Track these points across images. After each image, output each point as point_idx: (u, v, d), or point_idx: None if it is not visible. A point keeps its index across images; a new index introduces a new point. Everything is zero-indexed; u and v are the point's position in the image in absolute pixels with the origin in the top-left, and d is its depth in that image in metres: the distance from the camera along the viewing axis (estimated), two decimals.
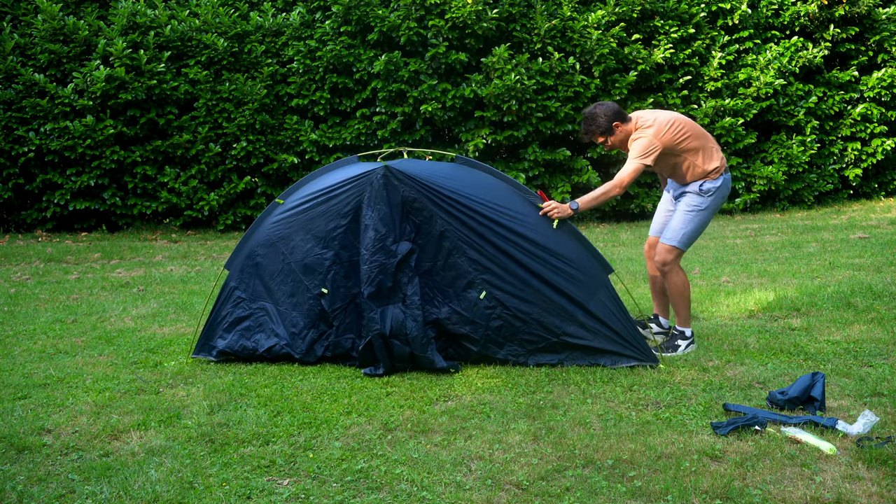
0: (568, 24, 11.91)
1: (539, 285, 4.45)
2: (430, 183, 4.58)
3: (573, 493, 2.96)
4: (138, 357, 5.01)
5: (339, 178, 4.77)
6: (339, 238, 4.65)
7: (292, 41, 11.85)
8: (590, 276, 4.49)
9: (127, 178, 11.50)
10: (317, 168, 11.84)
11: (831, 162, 13.13)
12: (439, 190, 4.56)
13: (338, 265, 4.65)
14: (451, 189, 4.57)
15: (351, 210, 4.65)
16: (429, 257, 4.58)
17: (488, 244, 4.48)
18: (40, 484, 3.11)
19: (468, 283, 4.50)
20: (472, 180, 4.70)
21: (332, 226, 4.67)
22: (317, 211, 4.73)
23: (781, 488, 2.95)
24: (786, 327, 5.36)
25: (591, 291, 4.46)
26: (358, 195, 4.63)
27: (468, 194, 4.57)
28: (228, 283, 4.88)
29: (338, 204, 4.68)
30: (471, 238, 4.50)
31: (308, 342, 4.65)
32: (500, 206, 4.56)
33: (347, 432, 3.61)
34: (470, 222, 4.51)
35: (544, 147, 12.12)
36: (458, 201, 4.54)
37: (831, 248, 8.79)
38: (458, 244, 4.50)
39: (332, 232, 4.66)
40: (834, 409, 3.79)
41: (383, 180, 4.57)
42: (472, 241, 4.50)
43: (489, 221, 4.51)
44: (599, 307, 4.45)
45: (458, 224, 4.52)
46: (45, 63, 11.28)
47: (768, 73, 12.35)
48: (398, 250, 4.50)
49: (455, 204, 4.54)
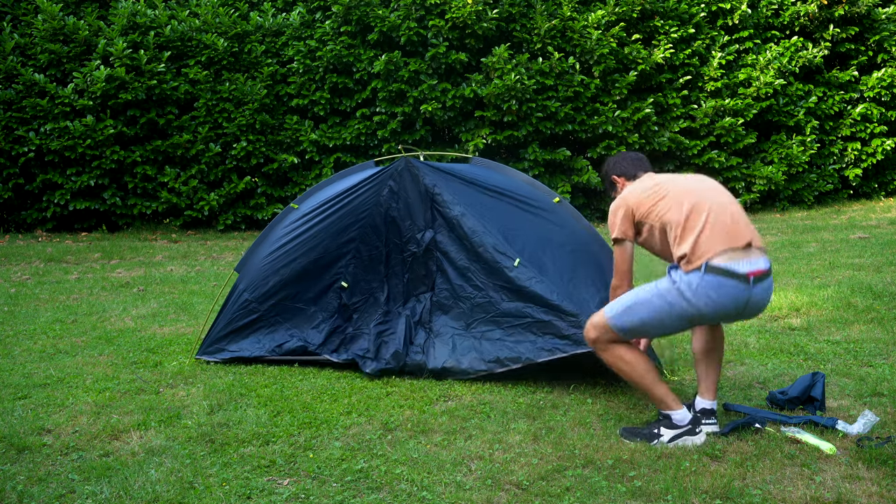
0: (568, 24, 11.91)
1: None
2: (451, 172, 4.71)
3: (573, 493, 2.95)
4: (138, 357, 5.01)
5: (357, 179, 4.85)
6: (359, 233, 4.73)
7: (292, 41, 11.85)
8: None
9: (127, 178, 11.50)
10: (316, 168, 11.89)
11: (831, 162, 13.13)
12: (461, 177, 4.68)
13: (357, 259, 4.73)
14: (473, 178, 4.71)
15: (371, 206, 4.73)
16: (456, 240, 4.58)
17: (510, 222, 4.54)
18: (40, 484, 3.11)
19: None
20: (491, 175, 4.83)
21: (352, 222, 4.73)
22: (337, 212, 4.77)
23: (781, 488, 2.95)
24: (786, 327, 5.36)
25: None
26: (378, 190, 4.73)
27: (489, 183, 4.69)
28: (237, 286, 4.87)
29: (359, 202, 4.75)
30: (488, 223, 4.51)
31: (325, 334, 4.67)
32: (522, 194, 4.67)
33: (347, 432, 3.61)
34: (490, 202, 4.59)
35: (544, 147, 12.12)
36: (479, 185, 4.66)
37: (831, 248, 8.79)
38: (477, 220, 4.49)
39: (352, 227, 4.73)
40: (834, 409, 3.79)
41: (406, 172, 4.69)
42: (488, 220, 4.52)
43: (510, 200, 4.62)
44: None
45: (475, 209, 4.55)
46: (46, 63, 11.28)
47: (768, 73, 12.35)
48: (423, 238, 4.60)
49: (474, 188, 4.65)
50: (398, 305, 4.66)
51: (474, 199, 4.60)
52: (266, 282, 4.75)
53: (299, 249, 4.76)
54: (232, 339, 4.78)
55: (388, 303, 4.69)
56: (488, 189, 4.67)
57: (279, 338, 4.72)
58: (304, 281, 4.74)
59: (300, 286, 4.74)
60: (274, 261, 4.78)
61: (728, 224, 3.27)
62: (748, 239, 3.25)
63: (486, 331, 4.38)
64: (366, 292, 4.73)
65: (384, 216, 4.71)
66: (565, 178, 12.03)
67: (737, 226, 3.28)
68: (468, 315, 4.46)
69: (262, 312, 4.75)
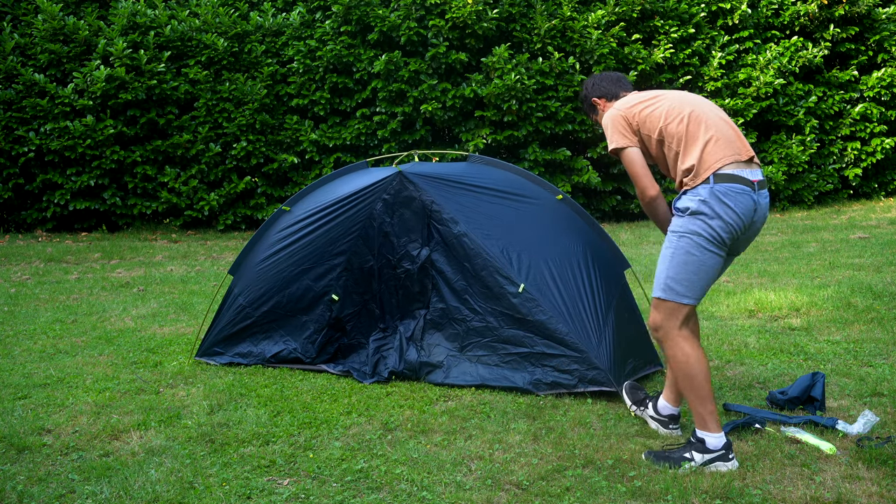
0: (568, 24, 11.91)
1: None
2: (450, 178, 4.54)
3: (573, 493, 2.95)
4: (138, 357, 5.01)
5: (350, 188, 4.69)
6: (350, 245, 4.58)
7: (292, 41, 11.85)
8: None
9: (127, 178, 11.51)
10: (316, 168, 11.89)
11: (831, 162, 13.13)
12: (460, 182, 4.52)
13: (349, 272, 4.58)
14: (472, 180, 4.54)
15: (364, 218, 4.56)
16: (454, 261, 4.41)
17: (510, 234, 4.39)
18: (40, 484, 3.11)
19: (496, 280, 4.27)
20: (491, 174, 4.67)
21: (343, 233, 4.58)
22: (329, 223, 4.63)
23: (781, 488, 2.95)
24: (786, 327, 5.36)
25: None
26: (371, 203, 4.56)
27: (490, 184, 4.54)
28: (232, 289, 4.85)
29: (351, 214, 4.59)
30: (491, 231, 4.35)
31: (318, 346, 4.57)
32: (524, 193, 4.53)
33: (347, 432, 3.61)
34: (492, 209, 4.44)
35: (544, 147, 12.12)
36: (480, 188, 4.50)
37: (831, 248, 8.79)
38: (479, 242, 4.31)
39: (342, 239, 4.58)
40: (834, 409, 3.79)
41: (399, 186, 4.51)
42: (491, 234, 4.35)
43: (513, 201, 4.47)
44: None
45: (476, 220, 4.40)
46: (45, 63, 11.28)
47: (768, 72, 12.35)
48: (420, 255, 4.44)
49: (475, 193, 4.48)
50: (395, 319, 4.55)
51: (476, 209, 4.42)
52: (259, 288, 4.68)
53: (290, 259, 4.65)
54: (228, 343, 4.75)
55: (384, 317, 4.57)
56: (489, 191, 4.52)
57: (274, 344, 4.65)
58: (296, 291, 4.63)
59: (292, 295, 4.63)
60: (265, 268, 4.70)
61: (733, 137, 3.21)
62: (752, 154, 3.22)
63: (482, 355, 4.23)
64: (358, 304, 4.59)
65: (377, 230, 4.54)
66: (565, 178, 12.03)
67: (741, 140, 3.24)
68: (463, 338, 4.30)
69: (255, 318, 4.68)
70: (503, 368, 4.17)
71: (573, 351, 3.99)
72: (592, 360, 3.96)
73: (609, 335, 4.10)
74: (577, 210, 4.62)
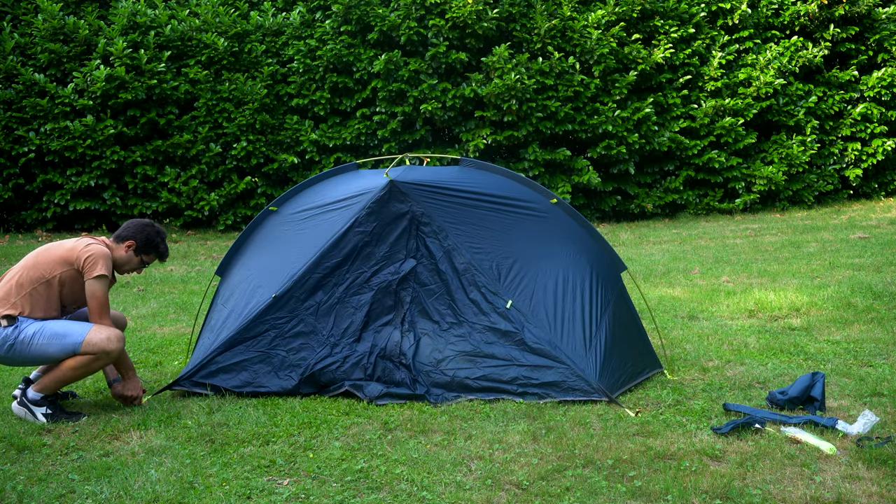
0: (568, 24, 11.91)
1: None
2: (441, 186, 4.39)
3: (573, 493, 2.95)
4: (138, 357, 5.00)
5: (338, 192, 4.55)
6: (335, 254, 4.32)
7: (292, 41, 11.86)
8: None
9: (127, 178, 11.51)
10: (317, 168, 11.88)
11: (831, 162, 13.14)
12: (451, 190, 4.38)
13: (328, 286, 4.31)
14: (465, 187, 4.41)
15: (349, 226, 4.33)
16: (441, 275, 4.26)
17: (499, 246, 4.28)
18: (40, 484, 3.11)
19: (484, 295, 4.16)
20: (485, 180, 4.56)
21: (328, 242, 4.33)
22: (313, 226, 4.48)
23: (781, 488, 2.95)
24: (786, 327, 5.36)
25: None
26: (358, 211, 4.34)
27: (482, 190, 4.42)
28: (220, 291, 4.72)
29: (336, 219, 4.41)
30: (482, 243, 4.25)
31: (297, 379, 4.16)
32: (517, 198, 4.44)
33: (347, 432, 3.61)
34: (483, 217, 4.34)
35: (544, 147, 12.12)
36: (472, 195, 4.38)
37: (831, 248, 8.79)
38: (469, 257, 4.21)
39: (327, 251, 4.32)
40: (834, 409, 3.79)
41: (388, 195, 4.33)
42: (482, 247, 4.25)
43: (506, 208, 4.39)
44: None
45: (467, 231, 4.29)
46: (46, 63, 11.28)
47: (768, 72, 12.35)
48: (402, 268, 4.30)
49: (466, 201, 4.36)
50: (371, 333, 4.25)
51: (466, 220, 4.31)
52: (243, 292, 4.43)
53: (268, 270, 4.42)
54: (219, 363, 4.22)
55: (360, 331, 4.25)
56: (481, 197, 4.39)
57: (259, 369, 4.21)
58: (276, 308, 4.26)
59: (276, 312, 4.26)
60: (245, 280, 4.49)
61: None
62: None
63: (462, 368, 4.08)
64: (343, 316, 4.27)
65: (360, 240, 4.31)
66: (565, 178, 12.03)
67: None
68: (442, 351, 4.14)
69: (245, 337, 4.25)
70: (483, 383, 4.02)
71: (559, 364, 3.94)
72: (579, 371, 3.92)
73: (601, 342, 4.06)
74: (572, 213, 4.55)
